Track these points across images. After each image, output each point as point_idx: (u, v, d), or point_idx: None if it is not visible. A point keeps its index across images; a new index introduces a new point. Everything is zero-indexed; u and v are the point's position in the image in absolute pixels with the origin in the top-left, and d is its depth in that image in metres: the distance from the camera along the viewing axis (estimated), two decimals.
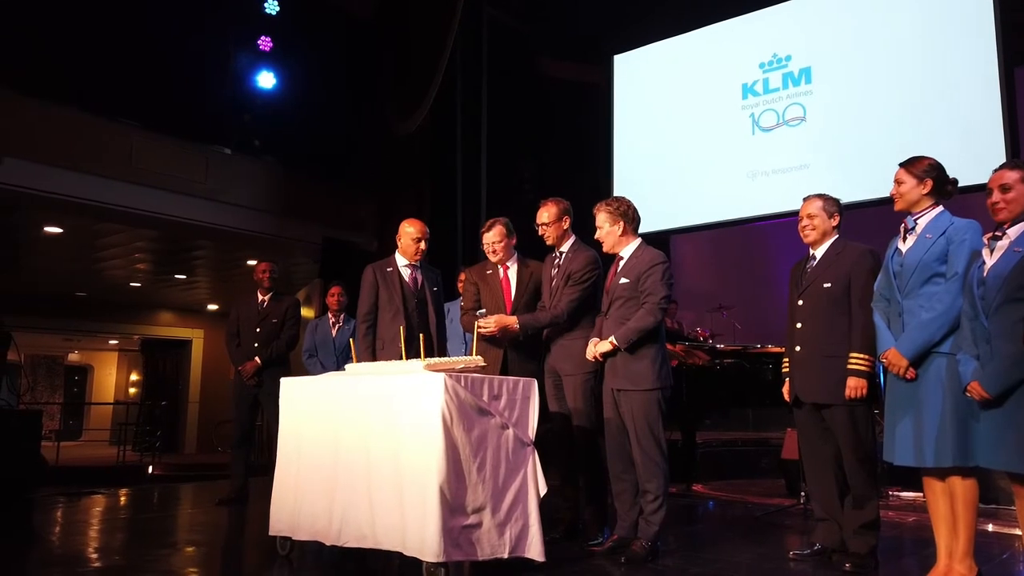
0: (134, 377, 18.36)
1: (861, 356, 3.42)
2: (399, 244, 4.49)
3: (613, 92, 9.70)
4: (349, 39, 9.65)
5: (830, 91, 7.77)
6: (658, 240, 9.80)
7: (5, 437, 6.15)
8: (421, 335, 3.59)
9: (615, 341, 3.65)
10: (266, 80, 9.50)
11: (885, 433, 3.22)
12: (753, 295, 10.69)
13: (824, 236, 3.68)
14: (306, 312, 11.75)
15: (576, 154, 10.31)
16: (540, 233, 4.14)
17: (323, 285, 9.64)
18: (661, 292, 3.67)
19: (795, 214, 3.75)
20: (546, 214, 4.11)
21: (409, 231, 4.43)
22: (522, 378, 3.37)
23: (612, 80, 9.72)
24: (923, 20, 7.36)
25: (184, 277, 12.29)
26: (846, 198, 7.19)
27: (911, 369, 3.08)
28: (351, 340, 4.19)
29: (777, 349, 7.18)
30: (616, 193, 9.36)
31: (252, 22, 9.45)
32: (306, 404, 3.61)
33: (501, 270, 4.29)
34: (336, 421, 3.40)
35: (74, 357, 18.66)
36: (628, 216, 3.87)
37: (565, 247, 4.12)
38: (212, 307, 15.09)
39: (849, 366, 3.43)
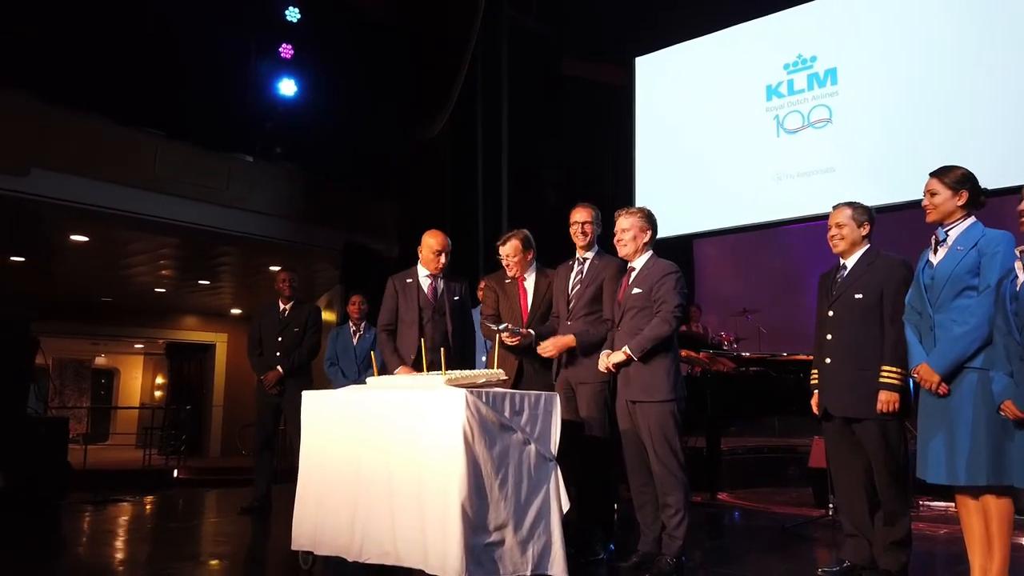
0: (160, 380, 18.55)
1: (893, 369, 3.34)
2: (420, 255, 4.45)
3: (635, 94, 9.60)
4: (370, 43, 9.63)
5: (856, 92, 7.61)
6: (680, 243, 9.75)
7: (33, 444, 6.25)
8: (443, 349, 3.55)
9: (629, 351, 3.60)
10: (287, 87, 9.50)
11: (918, 449, 3.16)
12: (778, 298, 10.53)
13: (854, 246, 3.60)
14: (328, 316, 11.77)
15: (598, 156, 10.23)
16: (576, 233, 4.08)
17: (344, 291, 9.66)
18: (675, 301, 3.62)
19: (822, 218, 3.69)
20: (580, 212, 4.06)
21: (430, 243, 4.37)
22: (544, 392, 3.34)
23: (634, 82, 9.63)
24: (952, 19, 7.19)
25: (208, 283, 12.38)
26: (874, 201, 7.06)
27: (943, 384, 3.02)
28: (372, 352, 4.16)
29: (804, 357, 7.11)
30: (639, 196, 9.27)
31: (274, 30, 9.45)
32: (327, 418, 3.59)
33: (519, 280, 4.30)
34: (357, 436, 3.38)
35: (101, 360, 18.89)
36: (655, 228, 3.84)
37: (589, 254, 4.08)
38: (235, 311, 15.19)
39: (881, 379, 3.35)
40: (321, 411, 3.63)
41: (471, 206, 8.97)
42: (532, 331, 4.05)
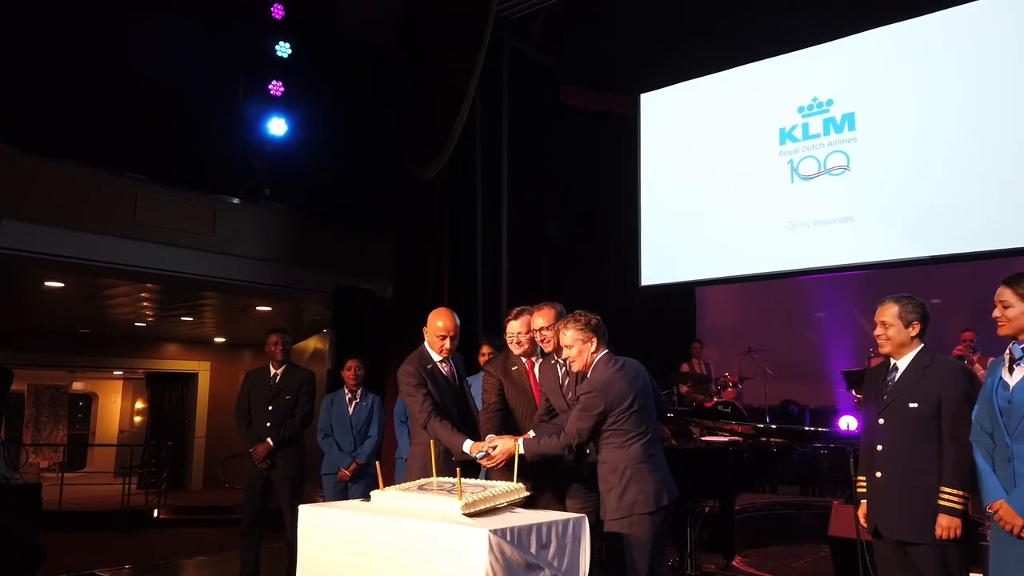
0: (140, 405, 18.03)
1: (955, 492, 3.09)
2: (426, 336, 4.07)
3: (640, 133, 9.24)
4: (365, 75, 9.20)
5: (876, 139, 7.26)
6: (685, 287, 9.41)
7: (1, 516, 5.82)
8: (459, 468, 3.19)
9: (523, 449, 3.49)
10: (277, 127, 9.03)
11: None
12: (784, 334, 10.24)
13: (902, 347, 3.34)
14: (317, 344, 11.31)
15: (602, 190, 9.90)
16: (540, 340, 3.84)
17: (335, 335, 9.27)
18: (579, 427, 3.38)
19: (840, 269, 3.40)
20: (541, 319, 3.81)
21: (437, 325, 3.97)
22: (572, 516, 3.07)
23: (639, 120, 9.26)
24: (979, 61, 6.85)
25: (191, 319, 11.93)
26: (894, 255, 6.85)
27: None
28: (371, 463, 3.67)
29: (820, 429, 6.85)
30: (644, 240, 8.90)
31: (263, 66, 8.99)
32: (327, 539, 3.24)
33: (527, 365, 3.99)
34: (361, 563, 3.04)
35: (79, 385, 18.33)
36: (600, 331, 3.54)
37: None
38: (219, 339, 14.71)
39: (941, 502, 3.09)
40: (319, 530, 3.26)
41: (469, 241, 8.54)
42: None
